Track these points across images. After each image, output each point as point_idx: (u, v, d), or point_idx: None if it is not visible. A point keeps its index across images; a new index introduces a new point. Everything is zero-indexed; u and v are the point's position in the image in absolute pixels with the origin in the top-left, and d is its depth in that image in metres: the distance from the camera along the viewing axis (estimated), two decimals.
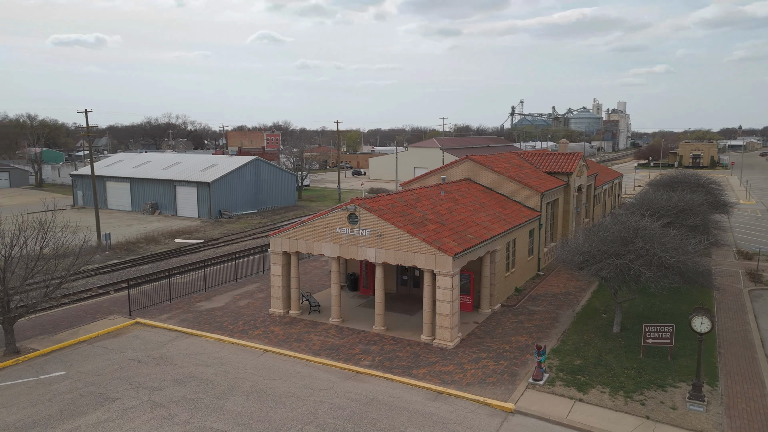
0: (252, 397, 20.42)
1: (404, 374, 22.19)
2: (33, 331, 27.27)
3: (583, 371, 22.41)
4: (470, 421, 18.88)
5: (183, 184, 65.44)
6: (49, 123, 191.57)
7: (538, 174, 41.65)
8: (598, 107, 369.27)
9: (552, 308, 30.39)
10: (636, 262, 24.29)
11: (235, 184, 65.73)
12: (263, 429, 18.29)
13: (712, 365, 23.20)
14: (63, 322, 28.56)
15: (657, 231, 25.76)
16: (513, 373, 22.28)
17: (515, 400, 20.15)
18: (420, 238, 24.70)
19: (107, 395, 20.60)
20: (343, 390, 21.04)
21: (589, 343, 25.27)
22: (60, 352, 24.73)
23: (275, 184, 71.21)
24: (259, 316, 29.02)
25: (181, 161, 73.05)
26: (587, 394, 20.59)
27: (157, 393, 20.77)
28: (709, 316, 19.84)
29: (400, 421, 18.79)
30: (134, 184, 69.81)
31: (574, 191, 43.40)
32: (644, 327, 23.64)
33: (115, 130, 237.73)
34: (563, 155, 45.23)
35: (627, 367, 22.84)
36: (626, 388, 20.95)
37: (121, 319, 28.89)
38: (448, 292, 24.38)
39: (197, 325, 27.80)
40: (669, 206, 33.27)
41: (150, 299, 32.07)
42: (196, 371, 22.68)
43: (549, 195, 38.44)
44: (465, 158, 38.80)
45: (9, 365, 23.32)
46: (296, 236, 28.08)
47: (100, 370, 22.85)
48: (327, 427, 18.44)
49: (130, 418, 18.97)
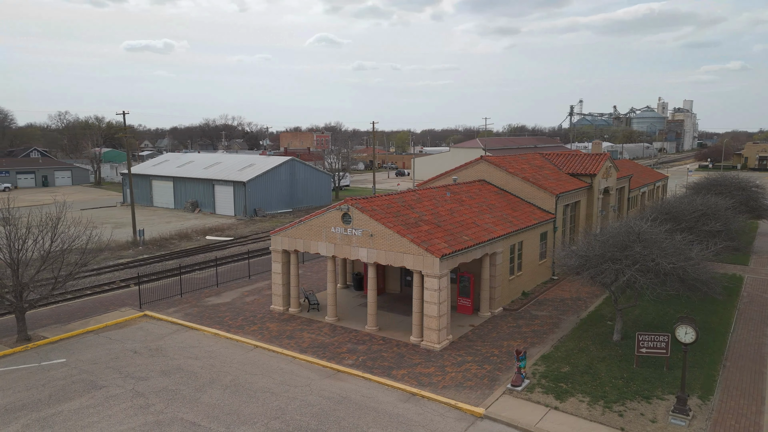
0: (229, 391, 20.97)
1: (383, 374, 22.19)
2: (49, 320, 28.96)
3: (567, 379, 21.72)
4: (436, 424, 18.70)
5: (221, 183, 67.58)
6: (115, 125, 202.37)
7: (558, 175, 40.54)
8: (663, 106, 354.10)
9: (556, 313, 29.55)
10: (632, 267, 23.30)
11: (270, 184, 67.27)
12: (230, 422, 18.77)
13: (711, 378, 21.97)
14: (79, 312, 30.18)
15: (658, 235, 24.60)
16: (494, 378, 21.87)
17: (488, 405, 19.79)
18: (409, 239, 24.62)
19: (96, 383, 21.66)
20: (318, 388, 21.27)
21: (583, 351, 24.44)
22: (67, 341, 26.17)
23: (310, 183, 72.37)
24: (260, 313, 29.69)
25: (221, 161, 75.45)
26: (564, 402, 19.95)
27: (142, 383, 21.66)
28: (694, 326, 18.84)
29: (364, 421, 18.84)
30: (177, 182, 72.65)
31: (598, 193, 41.96)
32: (637, 336, 22.66)
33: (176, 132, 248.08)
34: (588, 156, 43.80)
35: (616, 376, 21.97)
36: (608, 398, 20.17)
37: (131, 311, 30.24)
38: (435, 293, 24.18)
39: (199, 320, 28.75)
40: (690, 210, 31.63)
41: (163, 293, 33.40)
42: (184, 363, 23.50)
43: (566, 197, 37.35)
44: (480, 159, 38.26)
45: (18, 351, 24.89)
46: (295, 235, 28.56)
47: (98, 359, 24.04)
48: (292, 423, 18.72)
49: (110, 405, 19.89)
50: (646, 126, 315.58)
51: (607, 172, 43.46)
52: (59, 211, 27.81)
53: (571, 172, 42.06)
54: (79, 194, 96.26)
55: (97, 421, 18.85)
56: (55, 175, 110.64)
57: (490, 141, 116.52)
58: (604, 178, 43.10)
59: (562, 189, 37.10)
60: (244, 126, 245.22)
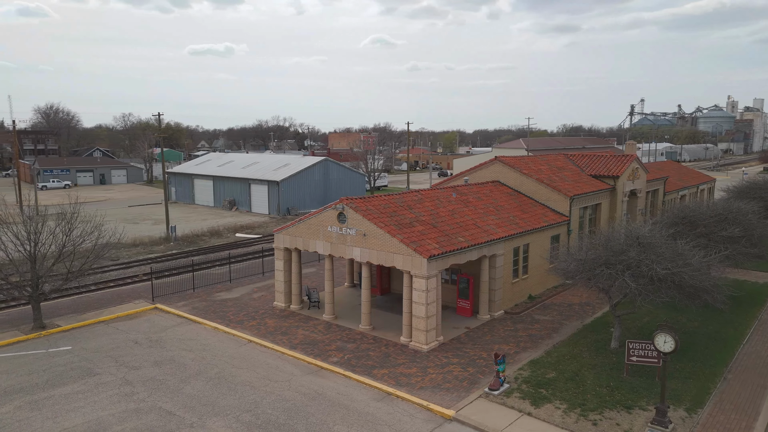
0: (211, 383, 21.66)
1: (364, 373, 22.33)
2: (68, 310, 30.66)
3: (550, 385, 21.19)
4: (403, 424, 18.69)
5: (256, 183, 69.36)
6: (173, 126, 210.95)
7: (578, 177, 39.43)
8: (732, 105, 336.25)
9: (560, 318, 28.82)
10: (625, 273, 22.48)
11: (303, 183, 68.50)
12: (204, 413, 19.41)
13: (705, 390, 20.92)
14: (97, 303, 31.80)
15: (658, 240, 23.60)
16: (474, 381, 21.61)
17: (459, 407, 19.60)
18: (398, 239, 24.65)
19: (92, 370, 22.84)
20: (298, 384, 21.65)
21: (575, 357, 23.76)
22: (78, 330, 27.67)
23: (344, 183, 73.16)
24: (262, 309, 30.40)
25: (259, 161, 77.41)
26: (539, 408, 19.51)
27: (133, 372, 22.67)
28: (673, 335, 18.03)
29: (332, 418, 19.05)
30: (216, 181, 75.07)
31: (623, 196, 40.52)
32: (627, 344, 21.84)
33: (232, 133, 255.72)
34: (613, 157, 42.37)
35: (602, 385, 21.26)
36: (586, 407, 19.56)
37: (144, 303, 31.61)
38: (423, 294, 24.10)
39: (204, 314, 29.73)
40: (709, 214, 30.07)
41: (178, 287, 34.69)
42: (177, 355, 24.41)
43: (583, 199, 36.29)
44: (494, 159, 37.73)
45: (31, 338, 26.51)
46: (295, 233, 29.09)
47: (100, 347, 25.31)
48: (262, 416, 19.16)
49: (98, 392, 20.94)
50: (712, 126, 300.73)
51: (633, 174, 41.90)
52: (74, 209, 29.32)
53: (593, 173, 40.81)
54: (131, 192, 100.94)
55: (82, 406, 19.89)
56: (112, 174, 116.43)
57: (534, 141, 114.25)
58: (630, 180, 41.57)
59: (579, 191, 36.07)
60: (296, 127, 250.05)
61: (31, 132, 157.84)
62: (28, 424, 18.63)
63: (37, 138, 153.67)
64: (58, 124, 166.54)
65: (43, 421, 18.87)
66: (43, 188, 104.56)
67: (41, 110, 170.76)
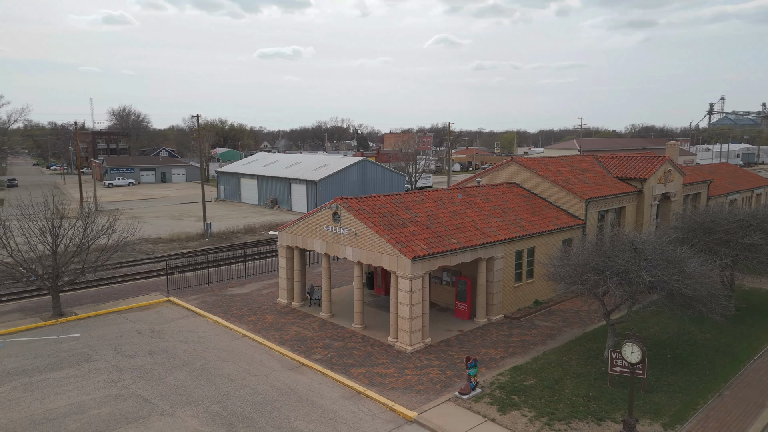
0: (194, 374, 22.50)
1: (341, 371, 22.52)
2: (90, 299, 32.60)
3: (525, 392, 20.63)
4: (363, 423, 18.77)
5: (296, 182, 70.92)
6: (236, 127, 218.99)
7: (602, 179, 37.94)
8: None
9: (561, 325, 27.91)
10: (612, 278, 21.54)
11: (341, 183, 69.39)
12: (177, 402, 20.22)
13: (691, 406, 19.76)
14: (117, 294, 33.63)
15: (651, 245, 22.43)
16: (448, 384, 21.35)
17: (424, 410, 19.44)
18: (386, 239, 24.69)
19: (90, 357, 24.25)
20: (274, 378, 22.13)
21: (562, 365, 22.98)
22: (92, 319, 29.38)
23: (383, 183, 73.53)
24: (266, 305, 31.17)
25: (301, 161, 79.08)
26: (505, 415, 19.05)
27: (126, 360, 23.89)
28: (641, 345, 17.18)
29: (296, 414, 19.38)
30: (260, 180, 77.31)
31: (652, 200, 38.64)
32: (611, 353, 20.89)
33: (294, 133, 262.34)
34: (644, 159, 40.46)
35: (580, 394, 20.48)
36: (555, 416, 18.93)
37: (159, 296, 33.13)
38: (407, 295, 24.02)
39: (210, 307, 30.83)
40: (730, 220, 28.18)
41: (194, 281, 36.12)
42: (172, 346, 25.48)
43: (601, 202, 34.91)
44: (510, 160, 36.94)
45: (47, 325, 28.40)
46: (296, 232, 29.67)
47: (105, 336, 26.80)
48: (230, 408, 19.75)
49: (89, 377, 22.22)
50: None
51: (665, 177, 39.85)
52: (90, 207, 31.09)
53: (620, 175, 39.16)
54: (187, 189, 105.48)
55: (70, 389, 21.19)
56: (172, 173, 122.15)
57: (589, 142, 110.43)
58: (662, 183, 39.56)
59: (597, 193, 34.74)
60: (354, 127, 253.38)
61: (104, 133, 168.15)
62: (17, 404, 20.06)
63: (110, 138, 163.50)
64: (130, 126, 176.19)
65: (31, 401, 20.26)
66: (109, 185, 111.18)
67: (115, 112, 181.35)
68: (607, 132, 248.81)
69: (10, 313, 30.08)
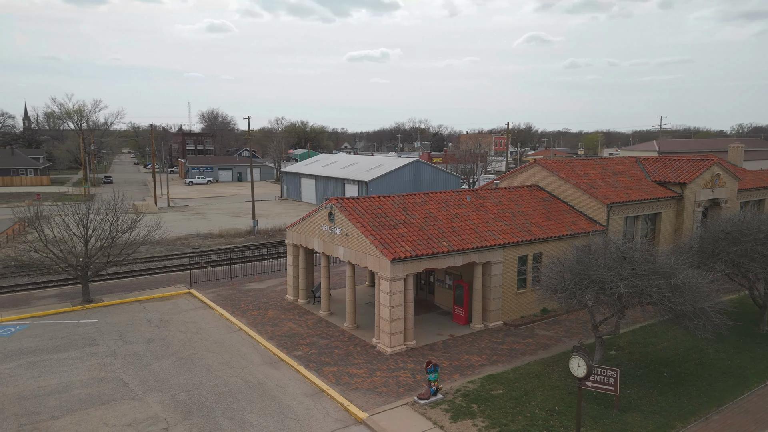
0: (178, 363, 23.65)
1: (314, 369, 22.81)
2: (120, 288, 35.01)
3: (488, 401, 19.93)
4: (313, 421, 18.96)
5: (349, 182, 72.05)
6: (316, 129, 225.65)
7: (636, 183, 35.63)
8: None
9: (562, 335, 26.60)
10: (588, 289, 20.29)
11: (392, 184, 69.66)
12: (151, 388, 21.36)
13: (667, 428, 18.24)
14: (146, 284, 35.88)
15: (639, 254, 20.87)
16: (413, 388, 21.03)
17: (376, 412, 19.31)
18: (370, 240, 24.69)
19: (96, 341, 26.13)
20: (249, 372, 22.80)
21: (540, 376, 21.94)
22: (114, 306, 31.57)
23: (435, 184, 72.96)
24: (273, 301, 32.05)
25: (357, 162, 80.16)
26: (456, 423, 18.52)
27: (125, 346, 25.52)
28: (587, 359, 16.10)
29: (253, 407, 19.88)
30: (318, 180, 79.25)
31: (694, 206, 35.78)
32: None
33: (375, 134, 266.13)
34: (688, 162, 37.52)
35: (546, 408, 19.49)
36: (509, 428, 18.17)
37: (182, 288, 34.99)
38: (387, 296, 23.89)
39: (223, 300, 32.17)
40: (755, 230, 25.56)
41: (217, 275, 37.78)
42: (170, 335, 26.89)
43: (627, 207, 32.80)
44: (533, 162, 35.59)
45: (74, 310, 30.84)
46: (300, 230, 30.30)
47: (118, 323, 28.73)
48: (195, 397, 20.62)
49: (85, 360, 23.98)
50: None
51: (712, 181, 36.76)
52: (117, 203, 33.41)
53: (659, 179, 36.59)
54: (258, 188, 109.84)
55: (65, 370, 22.98)
56: (247, 172, 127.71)
57: (669, 143, 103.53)
58: (708, 188, 36.52)
59: (623, 198, 32.70)
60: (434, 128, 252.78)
61: (193, 134, 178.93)
62: (15, 380, 22.05)
63: (198, 139, 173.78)
64: (216, 128, 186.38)
65: (27, 378, 22.19)
66: (189, 183, 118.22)
67: (204, 115, 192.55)
68: (709, 132, 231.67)
69: (49, 298, 32.96)
